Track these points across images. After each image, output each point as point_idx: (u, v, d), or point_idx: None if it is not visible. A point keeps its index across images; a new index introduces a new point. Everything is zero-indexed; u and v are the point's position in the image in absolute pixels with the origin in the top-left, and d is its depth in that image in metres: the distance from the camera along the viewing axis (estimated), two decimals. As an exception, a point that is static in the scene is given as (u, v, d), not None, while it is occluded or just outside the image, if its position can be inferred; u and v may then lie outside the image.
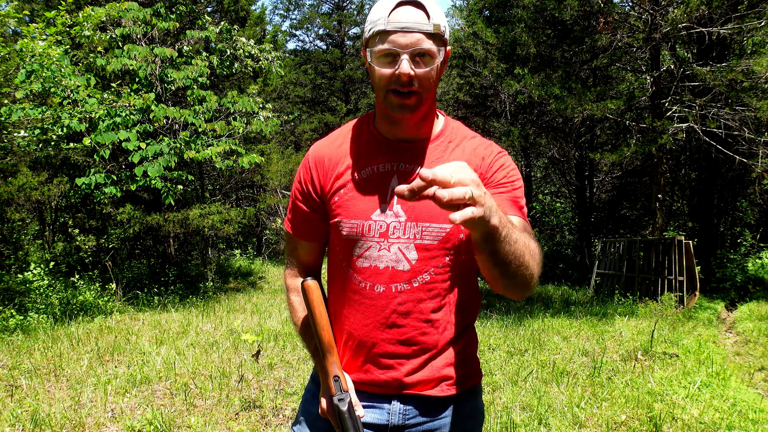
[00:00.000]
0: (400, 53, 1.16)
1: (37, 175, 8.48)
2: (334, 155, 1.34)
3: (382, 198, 1.27)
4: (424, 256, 1.26)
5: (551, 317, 7.39)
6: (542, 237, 17.88)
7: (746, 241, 12.83)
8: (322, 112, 22.88)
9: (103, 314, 6.73)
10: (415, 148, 1.30)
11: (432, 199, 0.88)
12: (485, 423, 3.41)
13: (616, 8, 10.24)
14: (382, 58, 1.18)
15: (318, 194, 1.34)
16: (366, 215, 1.27)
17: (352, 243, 1.29)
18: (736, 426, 3.45)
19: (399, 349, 1.29)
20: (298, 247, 1.42)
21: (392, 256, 1.26)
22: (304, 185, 1.36)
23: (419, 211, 1.26)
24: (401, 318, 1.28)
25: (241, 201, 16.32)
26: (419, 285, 1.27)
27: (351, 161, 1.31)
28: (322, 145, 1.38)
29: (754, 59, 8.98)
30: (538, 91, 9.71)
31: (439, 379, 1.31)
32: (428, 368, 1.30)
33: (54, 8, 8.33)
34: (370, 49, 1.20)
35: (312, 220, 1.37)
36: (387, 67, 1.18)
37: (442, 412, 1.33)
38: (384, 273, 1.27)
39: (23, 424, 3.32)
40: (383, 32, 1.17)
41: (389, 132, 1.30)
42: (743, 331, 7.10)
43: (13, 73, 6.46)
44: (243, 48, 9.29)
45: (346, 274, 1.33)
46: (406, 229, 1.26)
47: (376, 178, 1.28)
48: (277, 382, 4.23)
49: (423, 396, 1.32)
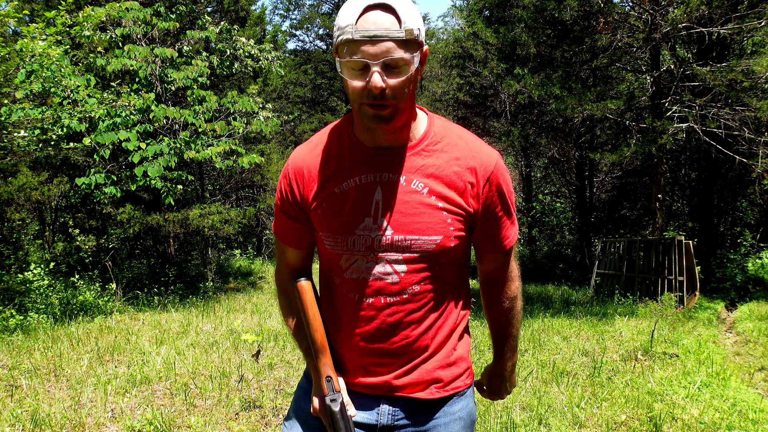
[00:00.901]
0: (371, 65, 1.09)
1: (37, 175, 8.48)
2: (314, 165, 1.28)
3: (365, 211, 1.23)
4: (413, 268, 1.24)
5: (551, 317, 7.39)
6: (542, 237, 17.88)
7: (746, 241, 12.82)
8: (322, 112, 22.89)
9: (103, 314, 6.73)
10: (397, 156, 1.24)
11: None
12: (485, 423, 3.41)
13: (616, 8, 10.25)
14: (353, 70, 1.11)
15: (300, 206, 1.30)
16: (350, 230, 1.23)
17: (338, 256, 1.26)
18: (736, 426, 3.45)
19: (388, 357, 1.29)
20: (286, 252, 1.39)
21: (380, 268, 1.23)
22: (286, 196, 1.32)
23: (405, 224, 1.22)
24: (391, 328, 1.26)
25: (241, 201, 16.32)
26: (408, 296, 1.25)
27: (331, 172, 1.26)
28: (301, 155, 1.31)
29: (754, 59, 8.98)
30: (538, 91, 9.71)
31: (429, 382, 1.31)
32: (417, 372, 1.30)
33: (54, 8, 8.33)
34: (339, 60, 1.13)
35: (297, 230, 1.34)
36: (358, 79, 1.11)
37: (433, 414, 1.32)
38: (372, 285, 1.24)
39: (23, 424, 3.32)
40: (351, 41, 1.09)
41: (368, 140, 1.24)
42: (743, 331, 7.10)
43: (13, 73, 6.46)
44: (243, 48, 9.28)
45: (334, 283, 1.31)
46: (394, 243, 1.22)
47: (358, 190, 1.24)
48: (277, 382, 4.23)
49: (412, 398, 1.31)
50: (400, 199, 1.22)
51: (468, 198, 1.24)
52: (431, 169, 1.24)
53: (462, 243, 1.27)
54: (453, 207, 1.23)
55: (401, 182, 1.23)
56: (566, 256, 15.28)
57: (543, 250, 16.44)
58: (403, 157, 1.24)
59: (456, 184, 1.24)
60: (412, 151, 1.25)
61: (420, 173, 1.24)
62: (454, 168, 1.24)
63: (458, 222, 1.24)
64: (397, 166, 1.24)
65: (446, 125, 1.31)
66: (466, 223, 1.26)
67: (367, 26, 1.08)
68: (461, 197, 1.24)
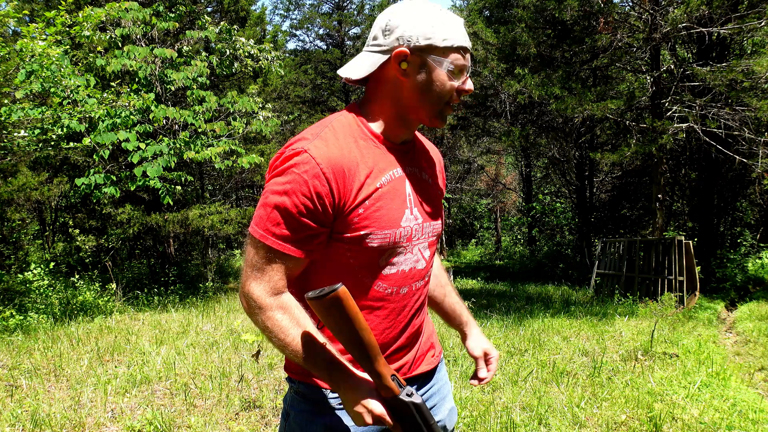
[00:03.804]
0: (467, 69, 1.29)
1: (37, 175, 8.49)
2: (352, 164, 1.21)
3: (403, 203, 1.31)
4: (432, 252, 1.40)
5: (551, 317, 7.39)
6: (542, 237, 17.89)
7: (746, 241, 12.83)
8: (322, 112, 22.89)
9: (103, 314, 6.73)
10: (411, 150, 1.39)
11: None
12: (485, 423, 3.41)
13: (616, 8, 10.25)
14: (456, 72, 1.26)
15: (335, 208, 1.20)
16: (396, 223, 1.27)
17: (381, 252, 1.25)
18: (736, 426, 3.45)
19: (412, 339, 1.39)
20: (288, 262, 1.22)
21: (414, 257, 1.33)
22: (319, 199, 1.17)
23: (429, 212, 1.36)
24: (417, 313, 1.38)
25: (241, 201, 16.33)
26: (428, 279, 1.41)
27: (369, 170, 1.24)
28: (333, 154, 1.19)
29: (754, 59, 8.98)
30: (539, 91, 9.71)
31: (427, 352, 1.45)
32: (422, 347, 1.43)
33: (54, 8, 8.34)
34: (445, 59, 1.25)
35: (318, 236, 1.21)
36: (455, 80, 1.27)
37: (430, 381, 1.47)
38: (408, 275, 1.33)
39: (23, 424, 3.32)
40: (464, 48, 1.26)
41: (398, 136, 1.33)
42: (743, 331, 7.10)
43: (13, 73, 6.46)
44: (243, 48, 9.28)
45: (363, 284, 1.27)
46: (424, 230, 1.35)
47: (395, 184, 1.29)
48: (277, 382, 4.23)
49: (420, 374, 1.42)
50: (422, 189, 1.37)
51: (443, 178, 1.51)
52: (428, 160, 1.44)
53: None
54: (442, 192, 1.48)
55: (419, 174, 1.38)
56: (566, 256, 15.29)
57: (543, 250, 16.45)
58: (413, 151, 1.39)
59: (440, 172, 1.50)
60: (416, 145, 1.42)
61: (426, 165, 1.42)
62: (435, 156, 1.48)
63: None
64: (412, 160, 1.38)
65: None
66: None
67: (467, 41, 1.28)
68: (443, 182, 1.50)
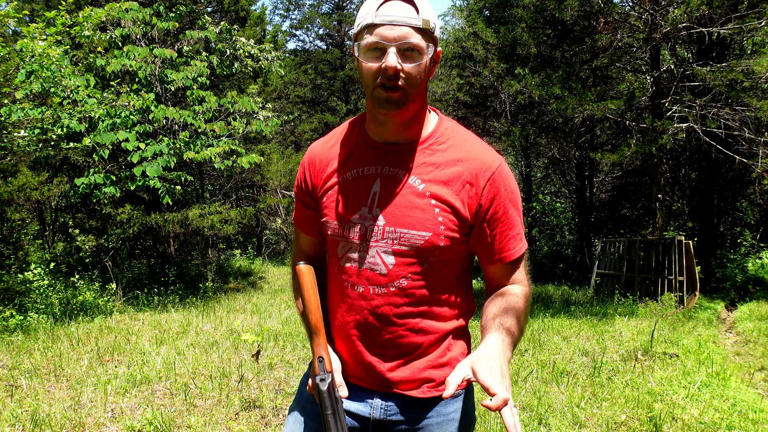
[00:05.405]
0: (387, 46, 1.14)
1: (37, 175, 8.48)
2: (325, 156, 1.37)
3: (362, 200, 1.28)
4: (401, 262, 1.25)
5: (551, 317, 7.39)
6: (542, 237, 17.88)
7: (746, 241, 12.83)
8: (322, 112, 22.88)
9: (103, 314, 6.73)
10: (402, 152, 1.28)
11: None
12: (485, 423, 3.41)
13: (616, 8, 10.24)
14: (370, 51, 1.17)
15: (311, 194, 1.39)
16: (347, 217, 1.30)
17: (336, 243, 1.33)
18: (736, 426, 3.45)
19: (378, 350, 1.32)
20: (300, 238, 1.49)
21: (370, 258, 1.27)
22: (300, 184, 1.42)
23: (398, 217, 1.25)
24: (379, 320, 1.29)
25: (241, 201, 16.33)
26: (396, 290, 1.27)
27: (338, 163, 1.34)
28: (317, 146, 1.41)
29: (754, 59, 8.98)
30: (539, 91, 9.71)
31: (421, 381, 1.32)
32: (409, 368, 1.31)
33: (54, 8, 8.33)
34: (358, 43, 1.19)
35: (311, 217, 1.43)
36: (374, 61, 1.17)
37: (426, 413, 1.33)
38: (363, 274, 1.29)
39: (23, 424, 3.32)
40: (371, 25, 1.16)
41: (377, 134, 1.29)
42: (743, 331, 7.10)
43: (13, 73, 6.46)
44: (243, 48, 9.28)
45: (333, 270, 1.38)
46: (385, 234, 1.26)
47: (359, 181, 1.29)
48: (277, 382, 4.23)
49: (405, 396, 1.33)
50: (397, 193, 1.26)
51: (464, 200, 1.25)
52: (432, 167, 1.26)
53: (454, 245, 1.27)
54: (447, 207, 1.24)
55: (401, 177, 1.26)
56: (566, 256, 15.29)
57: (543, 250, 16.45)
58: (407, 154, 1.27)
59: (454, 184, 1.25)
60: (417, 149, 1.28)
61: (420, 170, 1.26)
62: (455, 168, 1.25)
63: (451, 222, 1.25)
64: (399, 162, 1.27)
65: (455, 127, 1.33)
66: (461, 225, 1.26)
67: (387, 12, 1.15)
68: (457, 198, 1.25)
